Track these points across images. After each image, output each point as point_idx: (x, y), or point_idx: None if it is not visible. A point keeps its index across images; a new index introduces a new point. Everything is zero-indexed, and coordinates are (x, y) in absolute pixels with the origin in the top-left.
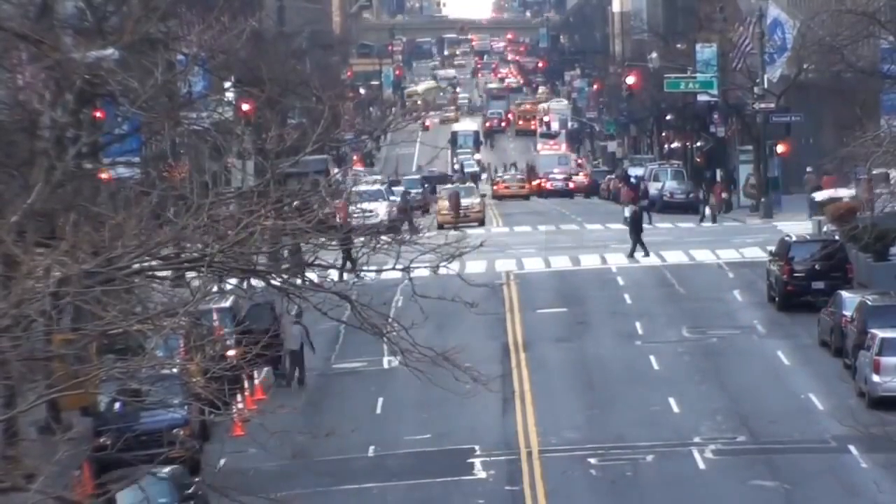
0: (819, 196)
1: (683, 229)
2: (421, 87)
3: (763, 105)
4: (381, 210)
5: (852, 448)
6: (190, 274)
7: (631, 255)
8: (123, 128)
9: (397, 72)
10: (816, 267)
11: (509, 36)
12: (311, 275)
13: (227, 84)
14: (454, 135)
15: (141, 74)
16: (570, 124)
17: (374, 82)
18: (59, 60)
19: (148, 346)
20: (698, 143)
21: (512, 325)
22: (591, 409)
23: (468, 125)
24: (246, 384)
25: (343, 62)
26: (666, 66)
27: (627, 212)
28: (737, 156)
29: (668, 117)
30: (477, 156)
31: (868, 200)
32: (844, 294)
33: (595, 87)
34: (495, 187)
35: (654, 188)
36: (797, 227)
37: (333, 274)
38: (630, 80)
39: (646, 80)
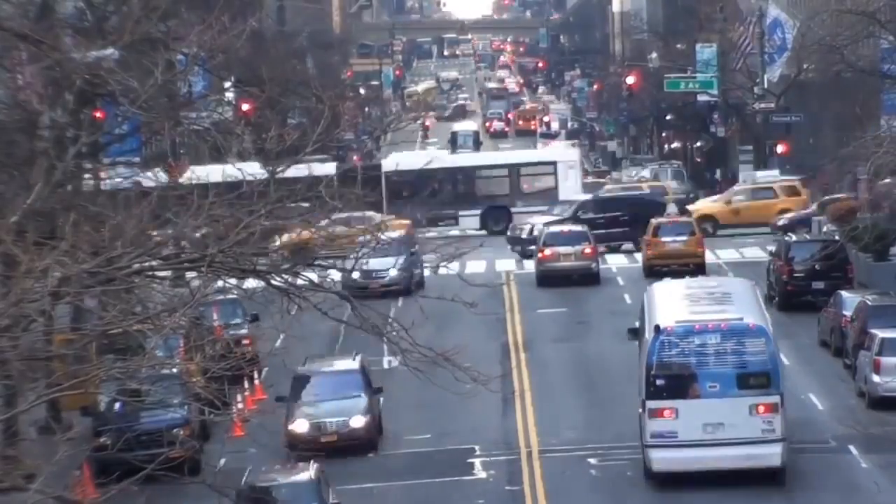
0: None
1: None
2: (421, 87)
3: (763, 105)
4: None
5: (852, 448)
6: (190, 274)
7: None
8: (123, 128)
9: (397, 72)
10: (816, 267)
11: (507, 42)
12: (311, 274)
13: (227, 84)
14: (454, 135)
15: (141, 74)
16: (570, 124)
17: (374, 82)
18: (59, 60)
19: (148, 346)
20: (698, 143)
21: (512, 325)
22: (591, 409)
23: (468, 125)
24: (246, 384)
25: (343, 62)
26: (666, 66)
27: None
28: (737, 156)
29: (668, 117)
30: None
31: (868, 200)
32: (844, 294)
33: (595, 87)
34: None
35: None
36: None
37: (334, 274)
38: (630, 80)
39: (646, 80)
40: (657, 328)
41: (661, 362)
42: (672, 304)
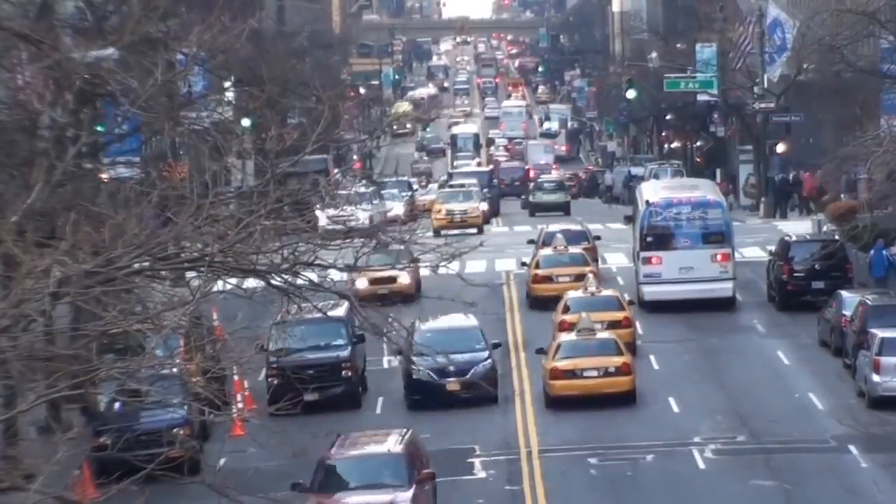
0: None
1: None
2: (399, 109)
3: (763, 105)
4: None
5: (852, 448)
6: (190, 274)
7: None
8: (123, 128)
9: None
10: (816, 267)
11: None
12: (311, 274)
13: (227, 84)
14: (454, 137)
15: (141, 74)
16: (570, 124)
17: (374, 82)
18: (59, 60)
19: (148, 345)
20: (698, 143)
21: (512, 325)
22: (591, 409)
23: (468, 127)
24: (246, 384)
25: (343, 62)
26: (666, 66)
27: None
28: (737, 156)
29: (668, 117)
30: (477, 159)
31: (867, 200)
32: (844, 294)
33: (594, 87)
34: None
35: None
36: (797, 226)
37: (333, 274)
38: (631, 93)
39: (646, 80)
40: (647, 202)
41: (650, 225)
42: (657, 189)
